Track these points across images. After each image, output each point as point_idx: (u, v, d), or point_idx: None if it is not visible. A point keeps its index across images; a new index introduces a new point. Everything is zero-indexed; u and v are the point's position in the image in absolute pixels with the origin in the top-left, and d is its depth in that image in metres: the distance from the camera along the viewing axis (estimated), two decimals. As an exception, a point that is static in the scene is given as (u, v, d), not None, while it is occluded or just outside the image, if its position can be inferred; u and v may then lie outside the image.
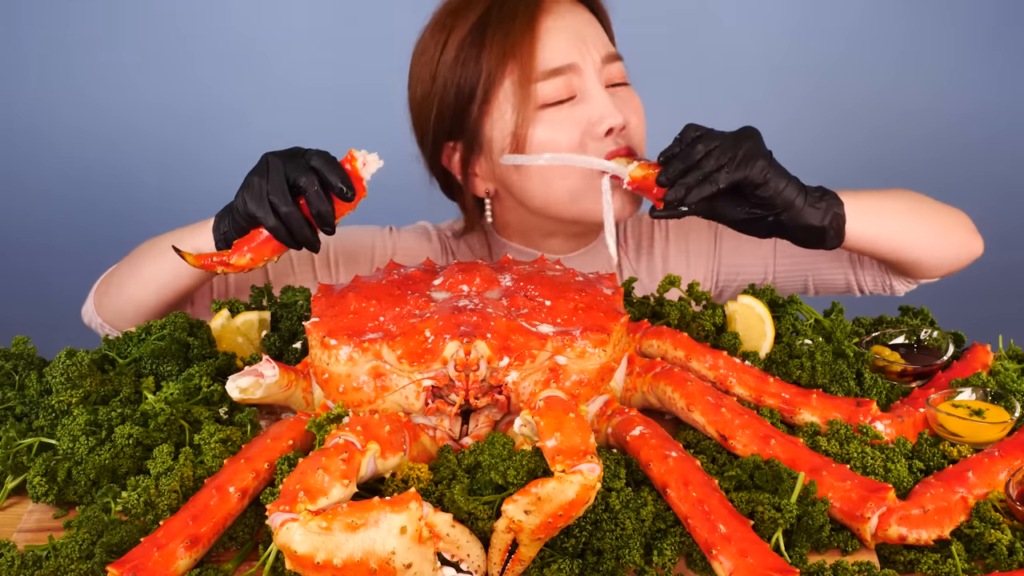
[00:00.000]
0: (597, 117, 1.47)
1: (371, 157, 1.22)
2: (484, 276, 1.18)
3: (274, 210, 1.21)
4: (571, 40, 1.48)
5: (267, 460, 1.04)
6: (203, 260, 1.23)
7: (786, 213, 1.28)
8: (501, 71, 1.47)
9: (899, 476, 1.05)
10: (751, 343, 1.30)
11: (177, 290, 1.44)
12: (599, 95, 1.48)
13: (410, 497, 0.87)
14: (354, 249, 1.66)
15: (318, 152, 1.22)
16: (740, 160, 1.23)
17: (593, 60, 1.49)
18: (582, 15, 1.52)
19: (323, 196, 1.20)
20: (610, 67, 1.51)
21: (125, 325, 1.49)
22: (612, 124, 1.46)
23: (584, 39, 1.49)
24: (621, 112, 1.48)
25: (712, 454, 1.11)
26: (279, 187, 1.20)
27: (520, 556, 0.91)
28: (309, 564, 0.86)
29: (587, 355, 1.10)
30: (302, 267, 1.63)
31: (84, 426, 1.12)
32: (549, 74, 1.47)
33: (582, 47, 1.48)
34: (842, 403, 1.15)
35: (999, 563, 0.98)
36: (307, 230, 1.22)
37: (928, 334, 1.35)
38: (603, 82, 1.50)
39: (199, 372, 1.20)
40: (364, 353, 1.09)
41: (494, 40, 1.47)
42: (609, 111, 1.47)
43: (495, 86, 1.48)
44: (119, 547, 0.99)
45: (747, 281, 1.67)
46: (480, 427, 1.11)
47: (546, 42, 1.47)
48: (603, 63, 1.50)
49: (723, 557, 0.92)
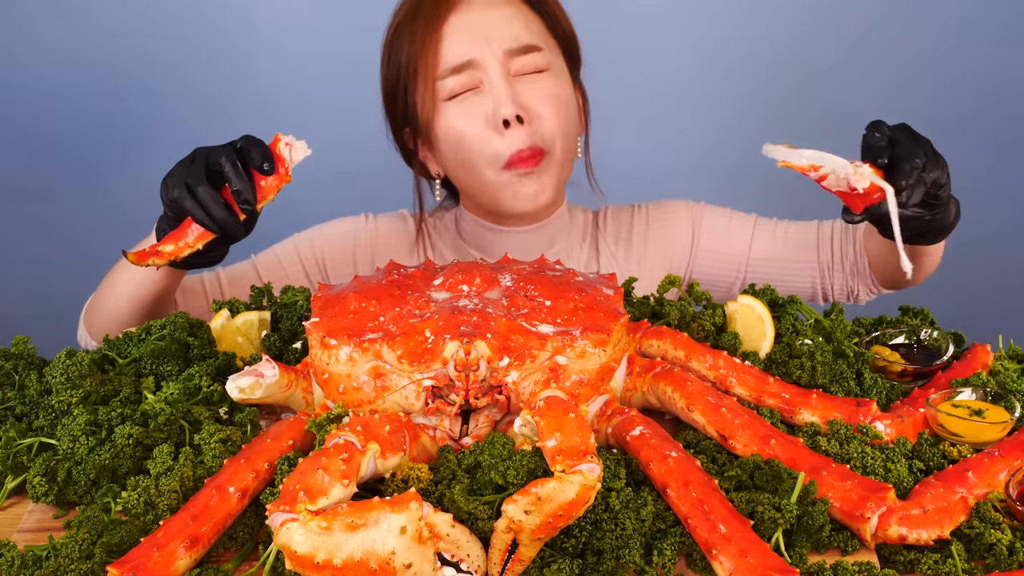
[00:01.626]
0: (492, 108, 1.52)
1: (299, 144, 1.21)
2: (484, 276, 1.18)
3: (190, 191, 1.20)
4: (473, 38, 1.53)
5: (267, 460, 1.04)
6: (137, 256, 1.22)
7: (941, 211, 1.21)
8: (413, 66, 1.55)
9: (899, 476, 1.05)
10: (751, 343, 1.31)
11: (144, 298, 1.45)
12: (498, 86, 1.52)
13: (410, 497, 0.88)
14: (336, 241, 1.71)
15: (245, 136, 1.23)
16: (932, 157, 1.16)
17: (495, 54, 1.52)
18: (497, 9, 1.55)
19: (241, 173, 1.19)
20: (520, 59, 1.54)
21: None
22: (505, 115, 1.51)
23: (488, 35, 1.53)
24: (521, 102, 1.52)
25: (712, 454, 1.11)
26: (198, 169, 1.21)
27: (520, 556, 0.91)
28: (309, 564, 0.86)
29: (587, 355, 1.10)
30: (292, 269, 1.69)
31: (84, 426, 1.12)
32: (451, 71, 1.53)
33: (483, 44, 1.53)
34: (842, 403, 1.15)
35: (999, 563, 0.98)
36: (224, 211, 1.20)
37: (928, 334, 1.35)
38: (510, 73, 1.53)
39: (199, 372, 1.20)
40: (364, 353, 1.09)
41: (408, 38, 1.55)
42: (503, 100, 1.51)
43: (412, 79, 1.56)
44: (119, 547, 0.99)
45: (720, 280, 1.70)
46: (480, 427, 1.11)
47: (449, 42, 1.53)
48: (510, 55, 1.53)
49: (723, 557, 0.92)
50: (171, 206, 1.23)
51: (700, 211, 1.71)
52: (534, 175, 1.54)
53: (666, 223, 1.72)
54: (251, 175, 1.21)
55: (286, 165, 1.21)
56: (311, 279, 1.70)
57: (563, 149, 1.57)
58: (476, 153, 1.54)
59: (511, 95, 1.51)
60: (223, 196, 1.21)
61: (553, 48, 1.60)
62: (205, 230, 1.21)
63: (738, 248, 1.68)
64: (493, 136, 1.52)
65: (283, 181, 1.22)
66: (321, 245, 1.71)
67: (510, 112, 1.50)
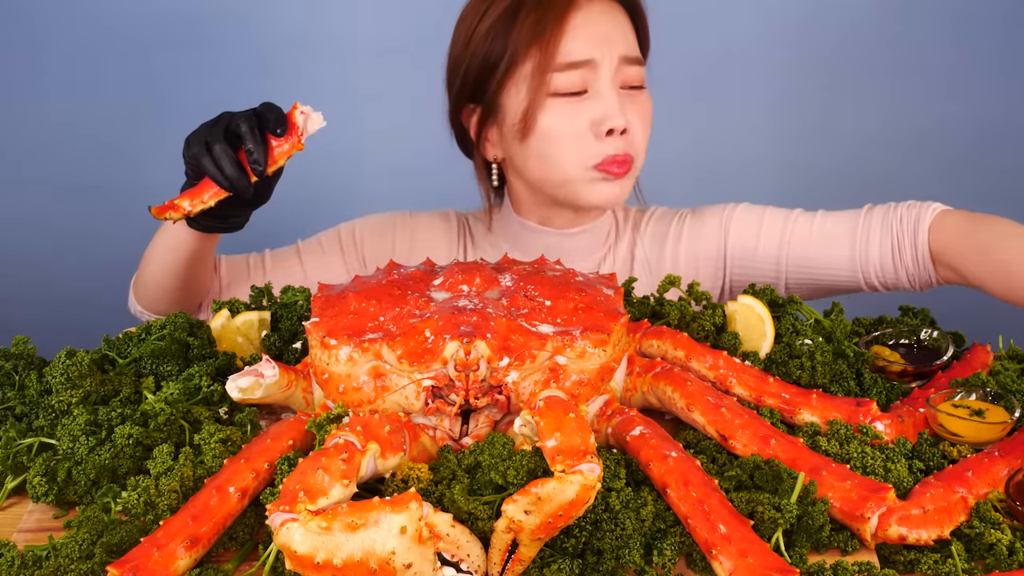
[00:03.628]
0: (601, 116, 1.53)
1: (315, 115, 1.28)
2: (484, 276, 1.18)
3: (208, 148, 1.27)
4: (594, 37, 1.54)
5: (267, 460, 1.04)
6: (157, 210, 1.29)
7: None
8: (525, 53, 1.54)
9: (899, 476, 1.05)
10: (751, 343, 1.31)
11: (178, 262, 1.53)
12: (609, 95, 1.54)
13: (410, 497, 0.87)
14: (377, 233, 1.74)
15: (265, 102, 1.30)
16: None
17: (611, 59, 1.54)
18: (614, 15, 1.57)
19: (256, 136, 1.27)
20: (628, 69, 1.56)
21: (159, 307, 1.61)
22: (613, 125, 1.53)
23: (608, 38, 1.54)
24: (625, 115, 1.54)
25: (712, 454, 1.11)
26: (218, 129, 1.28)
27: (520, 556, 0.91)
28: (309, 564, 0.86)
29: (587, 355, 1.10)
30: (332, 256, 1.73)
31: (84, 426, 1.12)
32: (567, 66, 1.53)
33: (603, 45, 1.54)
34: (842, 403, 1.15)
35: (999, 563, 0.98)
36: (236, 169, 1.27)
37: (928, 334, 1.35)
38: (618, 83, 1.55)
39: (199, 372, 1.20)
40: (364, 353, 1.09)
41: (525, 23, 1.54)
42: (614, 112, 1.53)
43: (516, 65, 1.55)
44: (119, 547, 0.99)
45: (760, 280, 1.66)
46: (480, 427, 1.11)
47: (571, 36, 1.53)
48: (622, 64, 1.55)
49: (723, 557, 0.92)
50: (190, 163, 1.31)
51: (731, 213, 1.68)
52: (618, 181, 1.57)
53: (697, 234, 1.70)
54: (266, 139, 1.28)
55: (299, 133, 1.27)
56: (348, 268, 1.73)
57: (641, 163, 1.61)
58: (569, 150, 1.55)
59: (620, 106, 1.54)
60: (239, 158, 1.28)
61: None
62: (220, 188, 1.28)
63: (771, 247, 1.64)
64: (592, 139, 1.54)
65: (295, 148, 1.28)
66: (362, 235, 1.74)
67: (619, 124, 1.53)
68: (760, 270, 1.66)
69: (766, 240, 1.64)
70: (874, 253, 1.54)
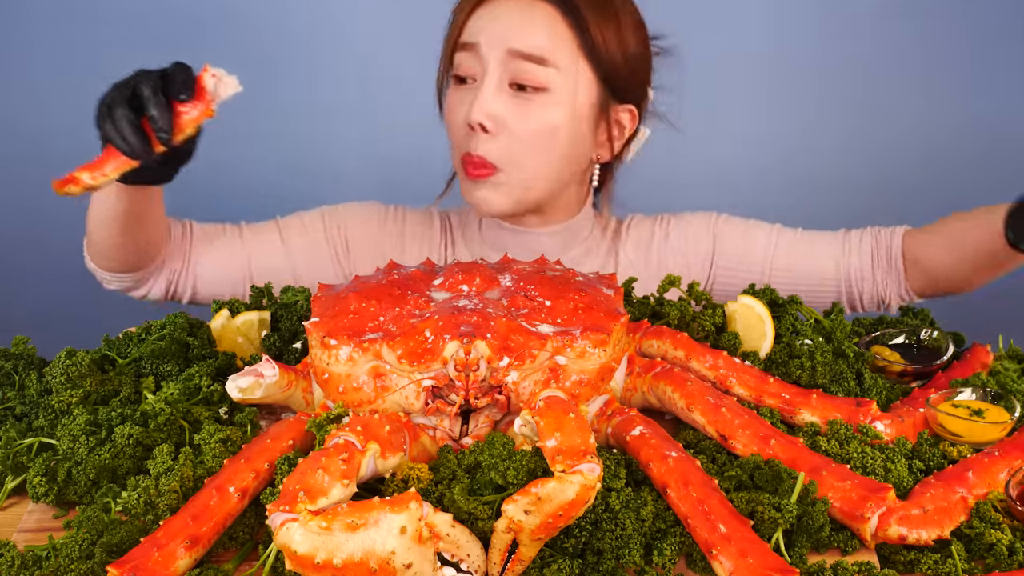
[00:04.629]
0: (469, 107, 1.48)
1: (229, 78, 1.15)
2: (484, 276, 1.18)
3: (110, 112, 1.14)
4: (489, 22, 1.47)
5: (267, 460, 1.04)
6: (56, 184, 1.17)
7: None
8: (454, 30, 1.53)
9: (899, 476, 1.05)
10: (751, 343, 1.30)
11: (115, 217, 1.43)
12: (485, 87, 1.47)
13: (410, 497, 0.88)
14: (363, 221, 1.69)
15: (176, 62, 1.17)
16: None
17: (499, 50, 1.45)
18: (533, 6, 1.47)
19: (161, 100, 1.12)
20: (521, 64, 1.45)
21: (110, 264, 1.55)
22: (472, 119, 1.47)
23: (504, 26, 1.46)
24: (501, 115, 1.47)
25: (712, 454, 1.11)
26: (122, 94, 1.15)
27: (520, 556, 0.91)
28: (309, 564, 0.86)
29: (587, 355, 1.10)
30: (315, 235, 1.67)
31: (84, 426, 1.12)
32: (460, 47, 1.51)
33: (492, 32, 1.47)
34: (842, 403, 1.15)
35: (999, 563, 0.98)
36: (137, 136, 1.13)
37: (928, 334, 1.35)
38: (504, 76, 1.47)
39: (199, 372, 1.20)
40: (364, 353, 1.09)
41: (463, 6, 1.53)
42: (479, 105, 1.46)
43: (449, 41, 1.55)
44: (119, 547, 0.99)
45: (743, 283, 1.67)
46: (480, 427, 1.11)
47: (476, 16, 1.49)
48: (512, 57, 1.45)
49: (723, 557, 0.92)
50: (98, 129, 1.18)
51: (720, 223, 1.68)
52: (482, 184, 1.51)
53: (684, 235, 1.69)
54: (171, 104, 1.14)
55: (209, 98, 1.14)
56: (332, 250, 1.66)
57: (531, 177, 1.51)
58: (453, 140, 1.55)
59: (490, 103, 1.46)
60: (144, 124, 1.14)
61: (577, 70, 1.48)
62: (126, 158, 1.15)
63: (758, 259, 1.65)
64: (465, 131, 1.50)
65: (205, 115, 1.14)
66: (346, 219, 1.68)
67: (476, 119, 1.46)
68: (745, 281, 1.65)
69: (755, 251, 1.65)
70: (854, 258, 1.60)
